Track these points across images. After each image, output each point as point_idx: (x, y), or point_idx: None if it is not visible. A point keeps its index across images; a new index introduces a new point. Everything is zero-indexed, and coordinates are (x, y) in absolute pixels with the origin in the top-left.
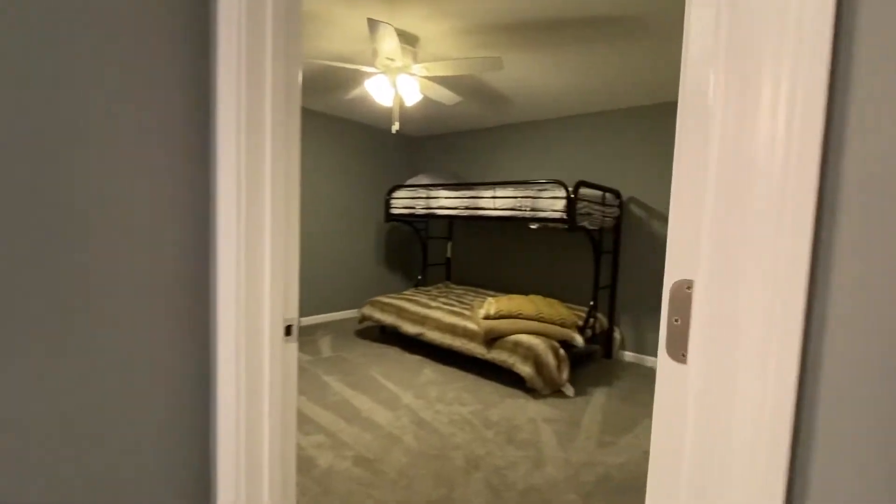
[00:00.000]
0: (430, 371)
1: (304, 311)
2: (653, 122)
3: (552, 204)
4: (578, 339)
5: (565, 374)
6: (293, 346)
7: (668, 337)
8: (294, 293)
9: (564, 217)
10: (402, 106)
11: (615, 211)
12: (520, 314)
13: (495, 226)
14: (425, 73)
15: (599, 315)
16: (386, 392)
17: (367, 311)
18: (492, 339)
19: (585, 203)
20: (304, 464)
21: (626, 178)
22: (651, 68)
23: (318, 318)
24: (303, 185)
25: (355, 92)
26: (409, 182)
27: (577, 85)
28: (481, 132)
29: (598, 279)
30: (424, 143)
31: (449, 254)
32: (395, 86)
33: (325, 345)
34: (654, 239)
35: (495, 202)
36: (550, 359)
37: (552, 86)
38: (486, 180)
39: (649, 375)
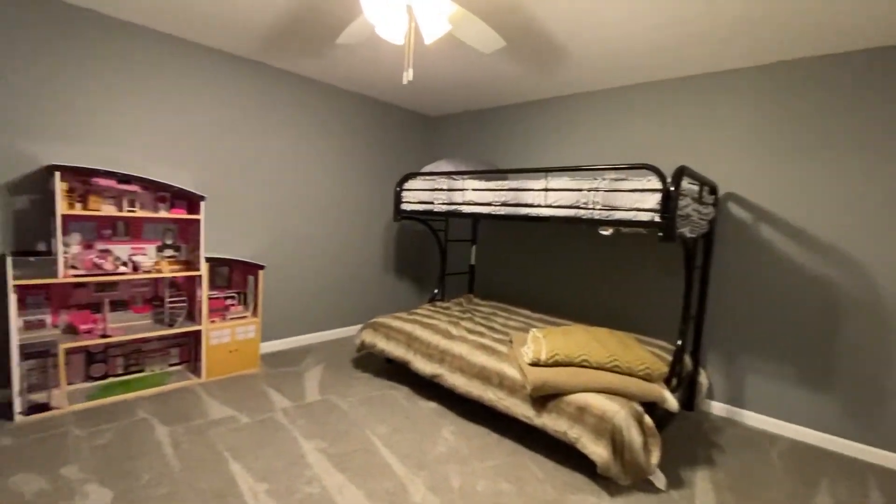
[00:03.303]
0: (450, 433)
1: (290, 331)
2: (772, 86)
3: (639, 200)
4: (672, 402)
5: (655, 457)
6: None
7: None
8: None
9: (659, 220)
10: (419, 45)
11: (711, 212)
12: (584, 361)
13: (536, 227)
14: None
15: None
16: (387, 476)
17: (368, 337)
18: (544, 397)
19: (688, 200)
20: None
21: (721, 167)
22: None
23: (307, 339)
24: (287, 174)
25: (350, 32)
26: (426, 169)
27: (671, 28)
28: (517, 108)
29: (688, 306)
30: (445, 124)
31: (473, 260)
32: (409, 11)
33: (311, 381)
34: (759, 250)
35: (547, 197)
36: (635, 434)
37: (635, 31)
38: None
39: (754, 441)
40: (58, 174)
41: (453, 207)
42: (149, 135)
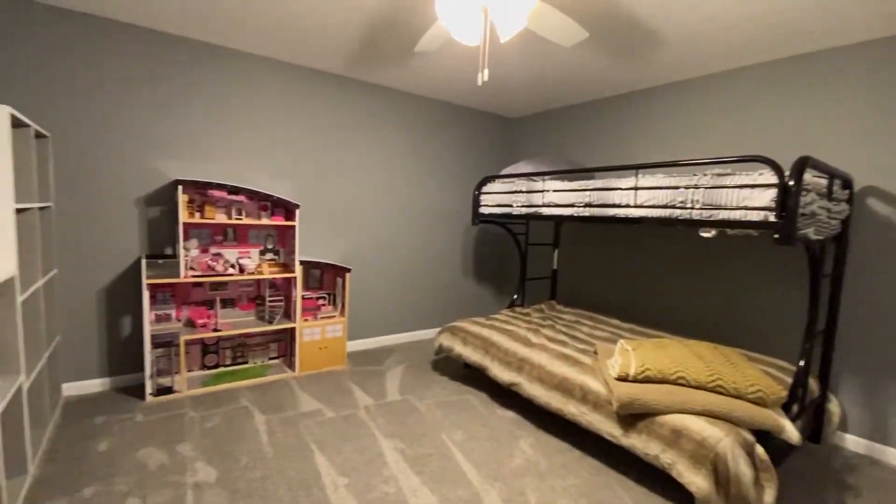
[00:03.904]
0: (528, 445)
1: (373, 332)
2: None
3: (748, 197)
4: (791, 432)
5: (769, 496)
6: None
7: None
8: None
9: (774, 219)
10: (494, 45)
11: (844, 209)
12: (680, 378)
13: (625, 229)
14: None
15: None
16: (461, 484)
17: (446, 341)
18: (633, 415)
19: (812, 196)
20: None
21: (858, 156)
22: None
23: (389, 340)
24: (371, 181)
25: (427, 39)
26: (504, 172)
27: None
28: (602, 104)
29: (814, 320)
30: (524, 125)
31: (555, 265)
32: (484, 11)
33: (392, 380)
34: None
35: (638, 196)
36: (743, 466)
37: (741, 6)
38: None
39: None
40: (180, 187)
41: (533, 210)
42: (253, 150)
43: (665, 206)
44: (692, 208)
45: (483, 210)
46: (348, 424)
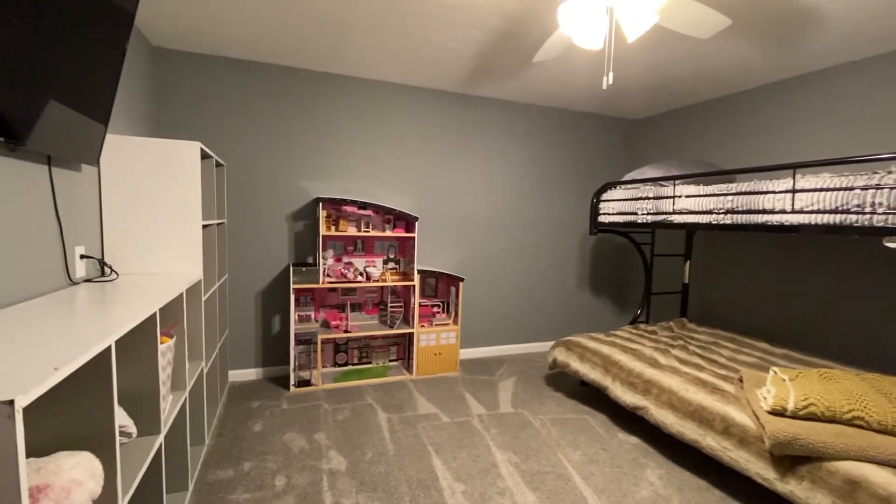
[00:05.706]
0: (656, 477)
1: (484, 341)
2: None
3: None
4: None
5: None
6: None
7: None
8: None
9: None
10: (618, 46)
11: None
12: (856, 418)
13: (776, 238)
14: None
15: None
16: None
17: (561, 355)
18: (789, 457)
19: None
20: None
21: None
22: None
23: (500, 351)
24: (485, 192)
25: (546, 48)
26: (627, 177)
27: None
28: (744, 97)
29: None
30: (649, 127)
31: (686, 278)
32: (609, 12)
33: (505, 392)
34: None
35: (796, 200)
36: None
37: None
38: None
39: None
40: (321, 204)
41: (661, 217)
42: (378, 168)
43: (834, 211)
44: (873, 213)
45: (603, 219)
46: (463, 431)
